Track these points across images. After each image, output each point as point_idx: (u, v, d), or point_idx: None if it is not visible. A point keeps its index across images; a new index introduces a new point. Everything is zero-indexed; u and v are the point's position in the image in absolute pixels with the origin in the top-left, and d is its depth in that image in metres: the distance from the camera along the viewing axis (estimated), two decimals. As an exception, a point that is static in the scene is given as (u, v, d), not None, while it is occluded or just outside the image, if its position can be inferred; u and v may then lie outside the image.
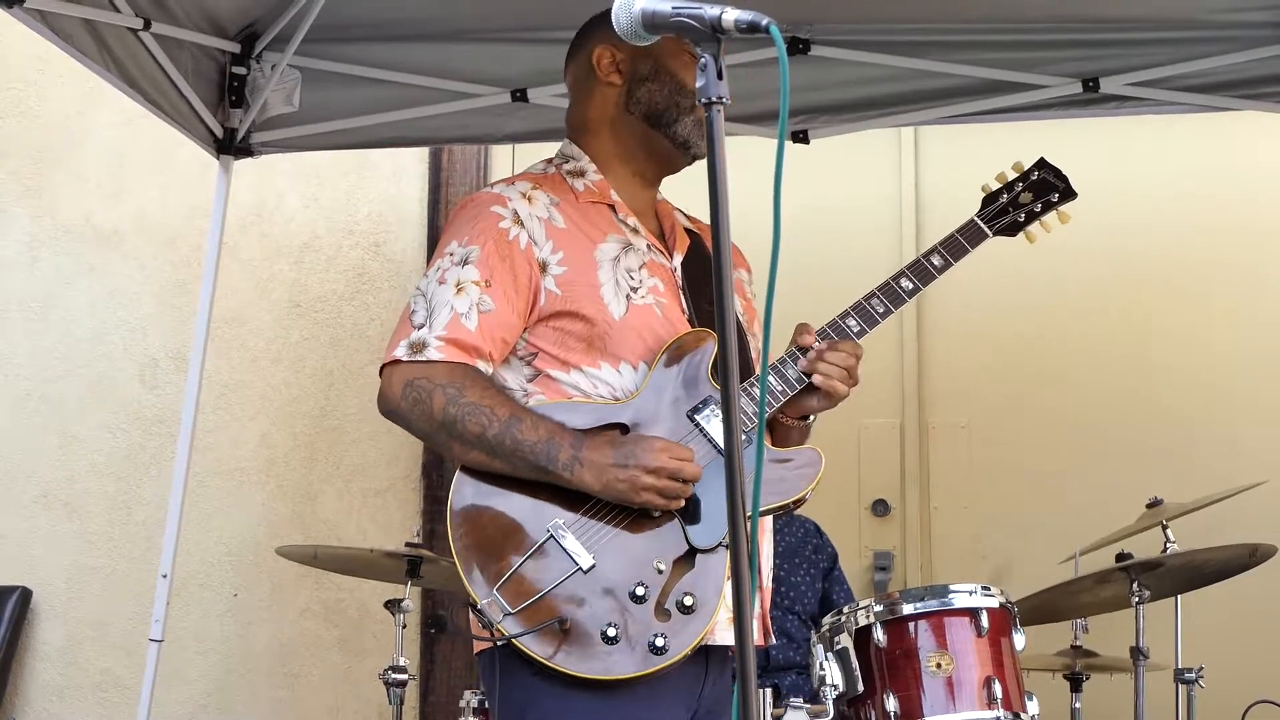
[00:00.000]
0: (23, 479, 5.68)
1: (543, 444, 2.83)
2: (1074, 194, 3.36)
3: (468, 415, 2.85)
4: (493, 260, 2.94)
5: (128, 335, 5.71)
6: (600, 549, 2.83)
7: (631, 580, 2.82)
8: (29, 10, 3.72)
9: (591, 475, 2.82)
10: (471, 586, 2.81)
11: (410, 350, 2.91)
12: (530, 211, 3.00)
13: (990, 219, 3.29)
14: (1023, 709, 3.54)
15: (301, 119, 4.71)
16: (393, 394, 2.91)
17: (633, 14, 2.13)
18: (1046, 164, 3.37)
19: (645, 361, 2.95)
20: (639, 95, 3.08)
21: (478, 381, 2.89)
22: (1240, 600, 4.94)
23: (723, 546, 2.87)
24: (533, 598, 2.80)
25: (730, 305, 2.11)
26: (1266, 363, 5.58)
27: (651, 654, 2.80)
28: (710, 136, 2.09)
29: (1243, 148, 5.57)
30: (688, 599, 2.83)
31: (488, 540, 2.84)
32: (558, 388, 2.95)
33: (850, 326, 3.12)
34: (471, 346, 2.90)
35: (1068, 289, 5.68)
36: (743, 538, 2.08)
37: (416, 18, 4.48)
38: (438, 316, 2.91)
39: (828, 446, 5.13)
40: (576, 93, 3.19)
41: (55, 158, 5.79)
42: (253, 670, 5.61)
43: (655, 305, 3.00)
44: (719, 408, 2.92)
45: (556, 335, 2.95)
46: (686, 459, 2.84)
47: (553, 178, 3.11)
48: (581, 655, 2.78)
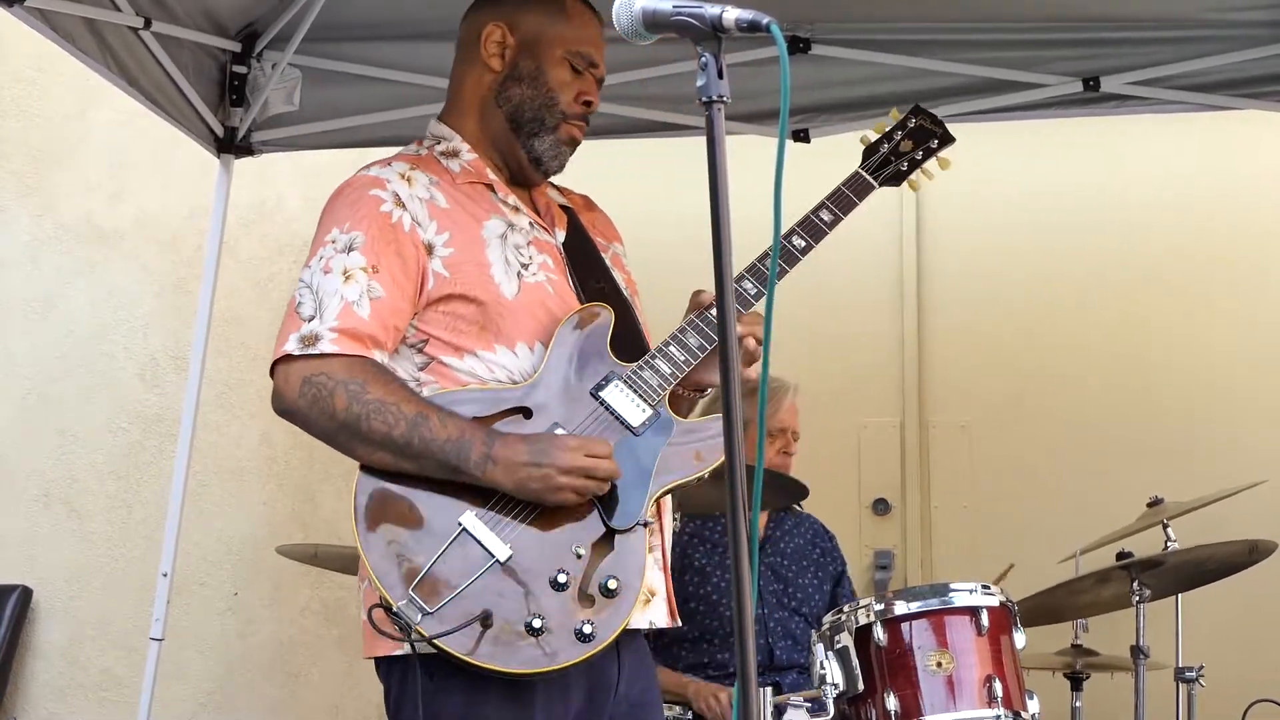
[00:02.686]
0: (23, 479, 5.68)
1: (453, 443, 2.72)
2: (952, 139, 3.30)
3: (372, 413, 2.73)
4: (378, 245, 2.81)
5: (128, 335, 5.71)
6: (515, 539, 2.73)
7: (551, 568, 2.73)
8: (29, 9, 3.72)
9: (504, 474, 2.71)
10: (385, 588, 2.69)
11: (302, 344, 2.77)
12: (411, 193, 2.88)
13: (874, 169, 3.24)
14: (1023, 708, 3.54)
15: (302, 118, 4.70)
16: (289, 392, 2.79)
17: (633, 13, 2.12)
18: (922, 110, 3.31)
19: (541, 341, 2.86)
20: (510, 93, 2.99)
21: (379, 377, 2.76)
22: (1240, 599, 4.94)
23: (640, 525, 2.79)
24: (450, 595, 2.68)
25: (731, 306, 2.09)
26: (1266, 363, 5.58)
27: (579, 641, 2.70)
28: (710, 136, 2.09)
29: (1243, 147, 5.57)
30: (611, 582, 2.74)
31: (397, 539, 2.72)
32: (452, 375, 2.83)
33: (747, 289, 2.95)
34: (367, 336, 2.78)
35: (1067, 289, 5.69)
36: (743, 536, 2.07)
37: (416, 17, 4.48)
38: (328, 307, 2.78)
39: (828, 446, 5.21)
40: (458, 57, 3.07)
41: (55, 157, 5.79)
42: (253, 669, 5.61)
43: (547, 282, 2.91)
44: (623, 382, 2.84)
45: (447, 320, 2.84)
46: (603, 456, 2.75)
47: (426, 159, 2.98)
48: (507, 650, 2.68)
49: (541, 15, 3.00)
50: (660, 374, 2.87)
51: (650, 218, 5.83)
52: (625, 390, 2.85)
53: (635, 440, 2.83)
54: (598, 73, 3.04)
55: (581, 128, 3.02)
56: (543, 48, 2.99)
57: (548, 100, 2.98)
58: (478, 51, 3.01)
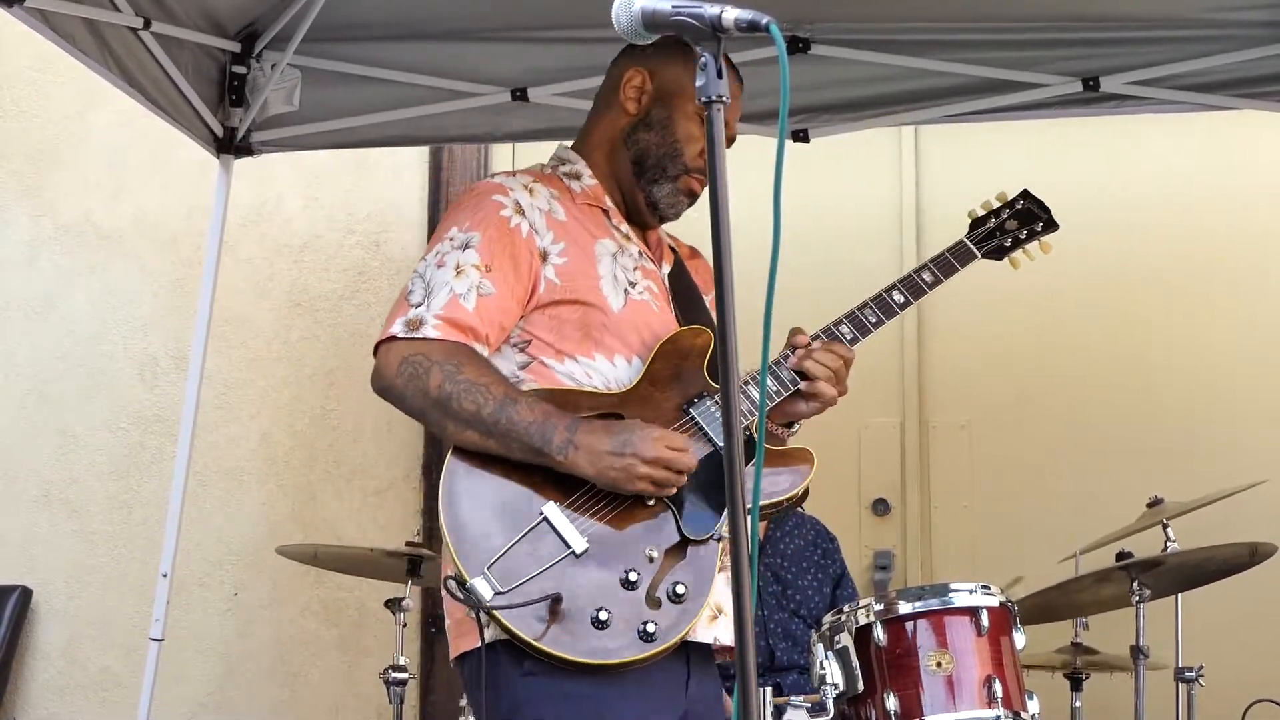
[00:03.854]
0: (23, 479, 5.68)
1: (538, 425, 2.80)
2: (1056, 225, 3.48)
3: (464, 393, 2.82)
4: (494, 246, 2.93)
5: (128, 335, 5.71)
6: (593, 534, 2.82)
7: (623, 566, 2.81)
8: (29, 10, 3.72)
9: (586, 460, 2.80)
10: (462, 564, 2.78)
11: (407, 327, 2.88)
12: (532, 202, 3.00)
13: (979, 240, 3.39)
14: (1023, 708, 3.54)
15: (301, 118, 4.71)
16: (389, 370, 2.88)
17: (632, 12, 2.12)
18: (1030, 195, 3.48)
19: (639, 356, 2.96)
20: (639, 137, 3.09)
21: (475, 360, 2.86)
22: (1240, 599, 4.94)
23: (713, 539, 2.88)
24: (523, 579, 2.77)
25: (730, 305, 2.10)
26: (1266, 363, 5.58)
27: (641, 640, 2.78)
28: (710, 135, 2.09)
29: (1243, 147, 5.57)
30: (679, 588, 2.82)
31: (479, 520, 2.82)
32: (551, 375, 2.94)
33: (843, 333, 3.15)
34: (468, 327, 2.88)
35: (1068, 289, 5.68)
36: (743, 537, 2.07)
37: (416, 17, 4.48)
38: (436, 296, 2.89)
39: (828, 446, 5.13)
40: (599, 99, 3.20)
41: (55, 158, 5.79)
42: (253, 670, 5.61)
43: (651, 303, 3.02)
44: (713, 403, 2.94)
45: (553, 323, 2.95)
46: (682, 449, 2.84)
47: (550, 176, 3.12)
48: (571, 638, 2.76)
49: (682, 68, 3.07)
50: (751, 399, 2.98)
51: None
52: (716, 410, 2.94)
53: (718, 459, 2.91)
54: (727, 131, 3.06)
55: (702, 181, 3.10)
56: (678, 99, 3.08)
57: (672, 150, 3.08)
58: (617, 94, 3.12)
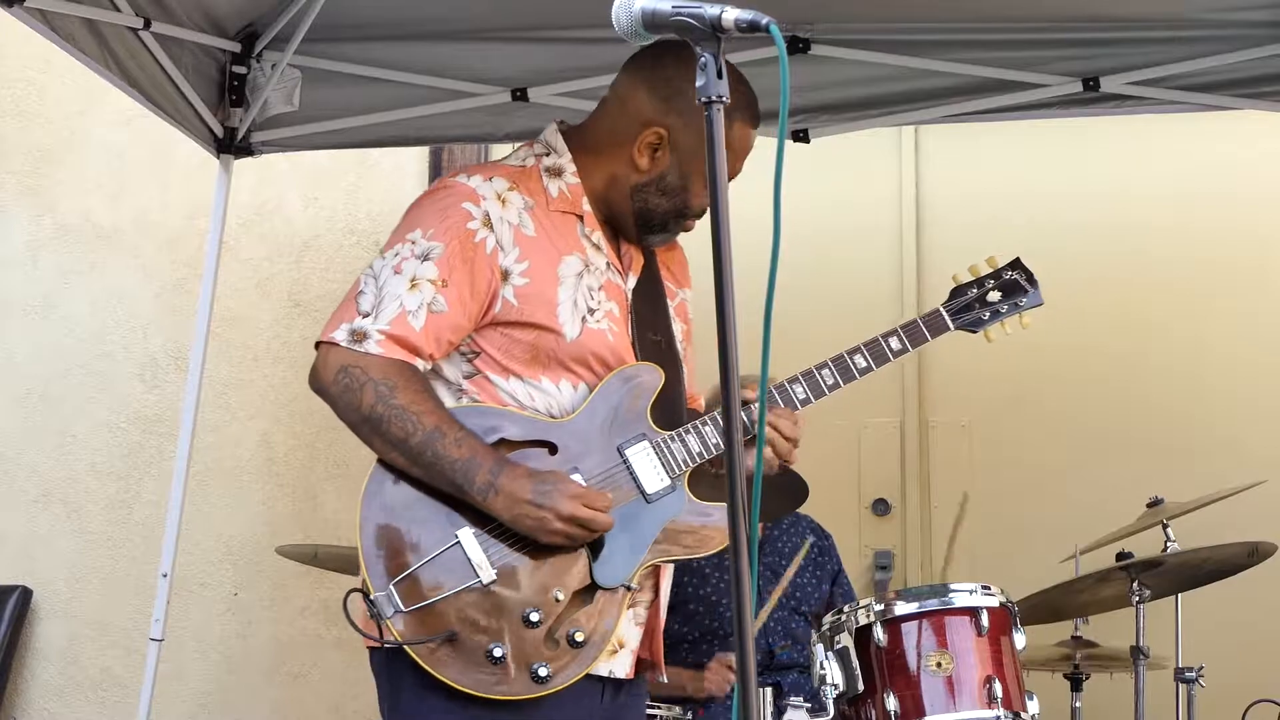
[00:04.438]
0: (23, 479, 5.68)
1: (462, 463, 2.78)
2: (1041, 301, 3.31)
3: (394, 417, 2.79)
4: (454, 260, 2.87)
5: (128, 335, 5.71)
6: (503, 566, 2.80)
7: (527, 604, 2.79)
8: (29, 10, 3.72)
9: (504, 505, 2.78)
10: (370, 576, 2.78)
11: (351, 337, 2.84)
12: (502, 215, 2.91)
13: (955, 312, 3.24)
14: (1023, 708, 3.54)
15: (302, 118, 4.70)
16: (325, 374, 2.85)
17: (632, 13, 2.12)
18: (1020, 265, 3.32)
19: (587, 384, 2.92)
20: (647, 195, 2.99)
21: (411, 383, 2.83)
22: (1240, 600, 4.94)
23: (624, 588, 2.85)
24: (426, 601, 2.77)
25: (730, 305, 2.09)
26: (1266, 363, 5.58)
27: (532, 681, 2.77)
28: (710, 136, 2.09)
29: (1243, 147, 5.57)
30: (579, 634, 2.80)
31: (393, 534, 2.81)
32: (493, 392, 2.90)
33: (797, 393, 3.02)
34: (412, 346, 2.84)
35: (1068, 289, 5.65)
36: (743, 537, 2.07)
37: (416, 17, 4.47)
38: (385, 308, 2.85)
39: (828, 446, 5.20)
40: (613, 125, 3.03)
41: (55, 157, 5.79)
42: (253, 670, 5.61)
43: (608, 331, 2.95)
44: (652, 447, 2.90)
45: (504, 341, 2.90)
46: (601, 509, 2.81)
47: (530, 172, 3.00)
48: (462, 668, 2.76)
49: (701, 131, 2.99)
50: (689, 449, 2.93)
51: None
52: (651, 455, 2.92)
53: (645, 506, 2.90)
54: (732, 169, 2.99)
55: (694, 223, 3.05)
56: (694, 167, 2.97)
57: (681, 211, 3.01)
58: (631, 141, 2.98)
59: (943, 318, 3.22)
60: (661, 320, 3.09)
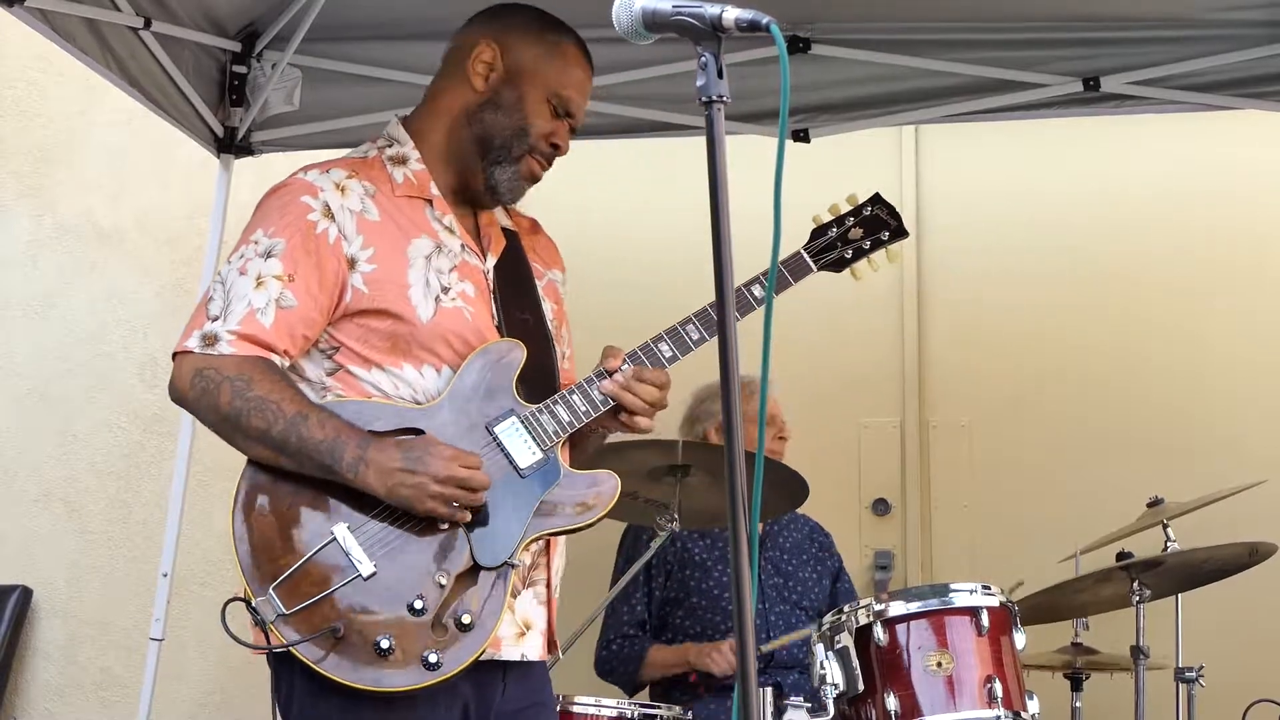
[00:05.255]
0: (23, 478, 5.68)
1: (328, 443, 2.74)
2: (905, 233, 3.28)
3: (253, 410, 2.76)
4: (298, 254, 2.85)
5: (128, 334, 5.71)
6: (382, 556, 2.76)
7: (411, 592, 2.75)
8: (30, 9, 3.72)
9: (376, 478, 2.74)
10: (247, 582, 2.74)
11: (203, 342, 2.83)
12: (342, 203, 2.89)
13: (817, 253, 3.18)
14: (1023, 708, 3.54)
15: (302, 118, 4.71)
16: (182, 382, 2.84)
17: (633, 12, 2.12)
18: (881, 200, 3.28)
19: (450, 366, 2.88)
20: (484, 116, 2.98)
21: (267, 375, 2.80)
22: (1240, 600, 4.94)
23: (508, 565, 2.81)
24: (308, 600, 2.73)
25: (731, 306, 2.09)
26: (1266, 363, 5.58)
27: (424, 669, 2.73)
28: (710, 136, 2.09)
29: (1242, 147, 5.57)
30: (466, 617, 2.76)
31: (269, 537, 2.77)
32: (357, 385, 2.87)
33: (662, 351, 2.98)
34: (265, 343, 2.82)
35: (1068, 289, 5.68)
36: (743, 539, 2.06)
37: (416, 17, 4.48)
38: (233, 309, 2.83)
39: (828, 446, 5.19)
40: (445, 65, 3.07)
41: (55, 157, 5.79)
42: (253, 670, 5.59)
43: (464, 310, 2.91)
44: (520, 422, 2.87)
45: (360, 332, 2.87)
46: (475, 467, 2.77)
47: (372, 162, 2.99)
48: (353, 664, 2.71)
49: (536, 50, 3.00)
50: (558, 420, 2.90)
51: (650, 218, 5.83)
52: (520, 430, 2.88)
53: (519, 482, 2.86)
54: (574, 122, 3.03)
55: (544, 165, 3.02)
56: (528, 83, 2.98)
57: (519, 131, 2.97)
58: (465, 66, 3.00)
59: (804, 259, 3.17)
60: (529, 299, 3.06)
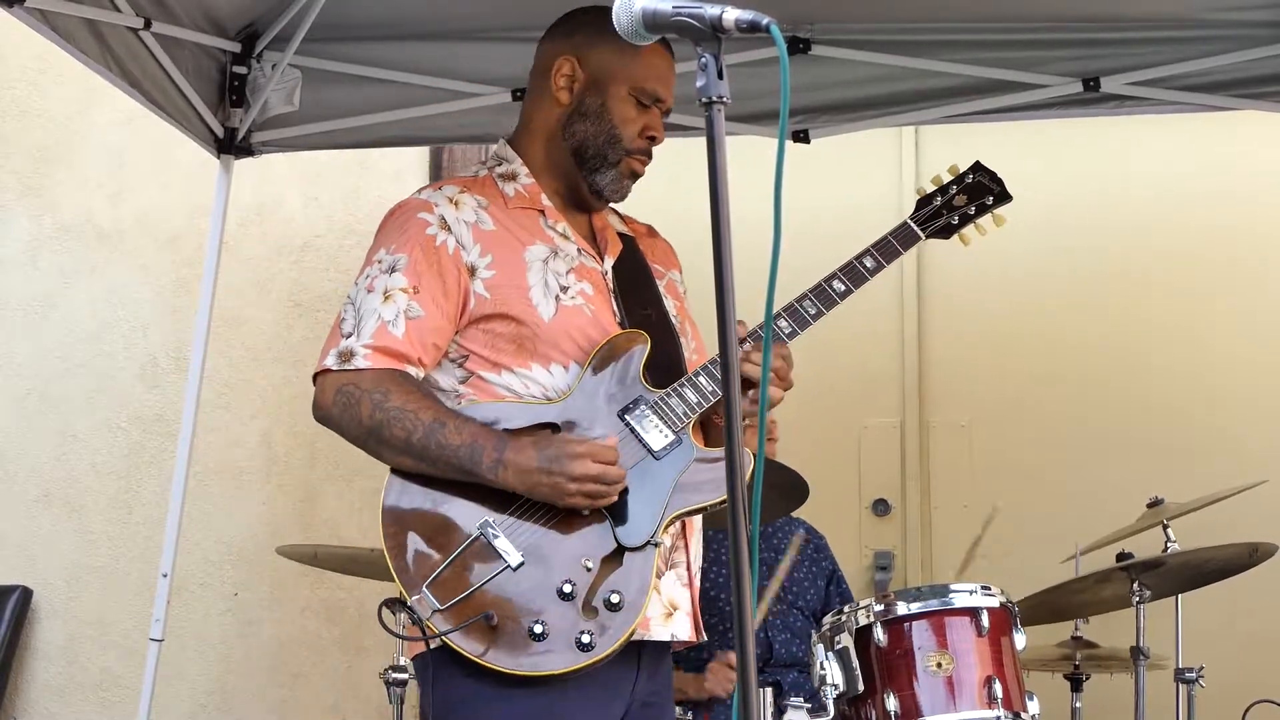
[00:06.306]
0: (23, 479, 5.68)
1: (466, 447, 2.85)
2: (1009, 197, 3.32)
3: (393, 420, 2.87)
4: (420, 266, 2.96)
5: (128, 335, 5.71)
6: (529, 547, 2.86)
7: (559, 578, 2.85)
8: (30, 10, 3.72)
9: (515, 478, 2.84)
10: (403, 584, 2.84)
11: (339, 359, 2.93)
12: (457, 216, 3.00)
13: (923, 221, 3.26)
14: (1023, 708, 3.54)
15: (302, 118, 4.70)
16: (325, 400, 2.94)
17: (633, 13, 2.12)
18: (982, 167, 3.33)
19: (576, 362, 2.97)
20: (575, 128, 3.07)
21: (404, 386, 2.90)
22: (1240, 600, 4.94)
23: (651, 544, 2.89)
24: (461, 595, 2.82)
25: (731, 305, 2.09)
26: (1266, 363, 5.59)
27: (579, 650, 2.82)
28: (710, 136, 2.09)
29: (1242, 148, 5.58)
30: (614, 596, 2.85)
31: (418, 539, 2.87)
32: (490, 389, 2.96)
33: (781, 328, 3.07)
34: (399, 354, 2.92)
35: (1068, 289, 5.69)
36: (743, 535, 2.07)
37: (416, 17, 4.48)
38: (365, 325, 2.93)
39: (828, 446, 5.18)
40: (531, 86, 3.17)
41: (55, 157, 5.79)
42: (253, 670, 5.61)
43: (585, 307, 3.01)
44: (649, 407, 2.95)
45: (487, 338, 2.97)
46: (610, 462, 2.86)
47: (483, 181, 3.11)
48: (511, 652, 2.81)
49: (611, 51, 3.03)
50: (686, 402, 2.98)
51: (649, 218, 5.83)
52: (651, 415, 2.96)
53: (655, 464, 2.94)
54: (664, 106, 3.10)
55: (644, 161, 3.10)
56: (609, 84, 3.05)
57: (611, 137, 3.05)
58: (548, 82, 3.09)
59: (911, 228, 3.24)
60: (650, 294, 3.15)
